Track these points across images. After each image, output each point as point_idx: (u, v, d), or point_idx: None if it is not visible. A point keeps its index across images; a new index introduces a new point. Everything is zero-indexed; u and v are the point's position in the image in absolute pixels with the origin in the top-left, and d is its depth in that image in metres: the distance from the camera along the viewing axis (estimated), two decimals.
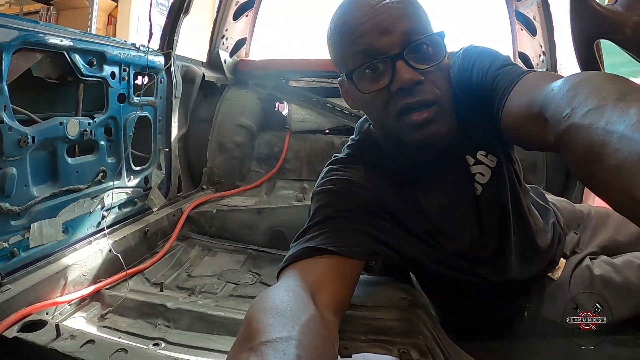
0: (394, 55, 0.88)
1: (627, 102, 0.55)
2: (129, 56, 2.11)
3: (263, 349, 0.57)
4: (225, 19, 3.25)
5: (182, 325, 1.62)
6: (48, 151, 1.70)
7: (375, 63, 0.90)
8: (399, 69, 0.88)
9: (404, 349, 0.88)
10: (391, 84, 0.90)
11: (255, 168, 3.36)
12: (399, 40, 0.89)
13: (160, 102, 2.46)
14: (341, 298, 0.84)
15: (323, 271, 0.85)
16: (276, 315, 0.64)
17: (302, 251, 0.90)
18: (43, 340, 1.29)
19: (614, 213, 1.43)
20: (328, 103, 3.35)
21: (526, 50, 3.29)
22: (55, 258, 1.69)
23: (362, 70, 0.92)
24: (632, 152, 0.50)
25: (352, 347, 0.86)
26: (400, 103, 0.90)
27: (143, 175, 2.34)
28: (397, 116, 0.92)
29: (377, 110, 0.96)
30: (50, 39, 1.63)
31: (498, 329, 1.19)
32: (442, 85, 0.92)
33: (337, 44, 0.97)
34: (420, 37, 0.90)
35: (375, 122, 1.06)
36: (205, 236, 2.57)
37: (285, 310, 0.66)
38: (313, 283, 0.80)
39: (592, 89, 0.62)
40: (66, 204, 1.78)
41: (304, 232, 0.96)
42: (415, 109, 0.90)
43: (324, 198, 1.01)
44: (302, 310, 0.67)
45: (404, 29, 0.89)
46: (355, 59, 0.93)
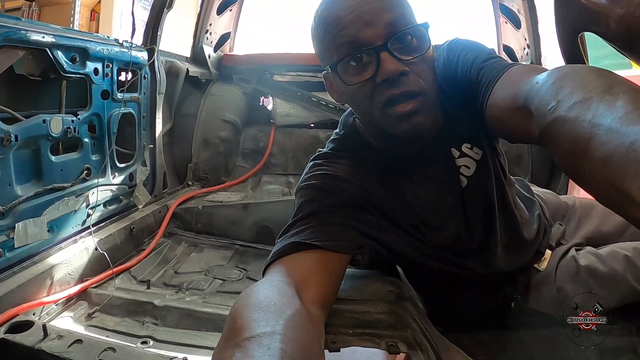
0: (378, 47, 0.88)
1: (614, 95, 0.56)
2: (112, 52, 2.09)
3: (247, 345, 0.57)
4: (209, 13, 3.22)
5: (169, 322, 1.62)
6: (31, 149, 1.68)
7: (360, 55, 0.90)
8: (384, 60, 0.88)
9: (392, 342, 0.87)
10: (376, 75, 0.90)
11: (241, 163, 3.36)
12: (383, 31, 0.89)
13: (144, 98, 2.44)
14: (327, 293, 0.84)
15: (308, 266, 0.85)
16: (260, 311, 0.64)
17: (287, 246, 0.90)
18: (30, 341, 1.29)
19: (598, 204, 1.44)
20: (313, 97, 3.35)
21: (511, 43, 3.32)
22: (41, 258, 1.68)
23: (346, 62, 0.92)
24: (620, 144, 0.50)
25: (340, 341, 0.86)
26: (385, 94, 0.90)
27: (128, 172, 2.32)
28: (383, 107, 0.92)
29: (362, 102, 0.96)
30: (32, 35, 1.61)
31: (485, 320, 1.20)
32: (427, 77, 0.93)
33: (321, 37, 0.97)
34: (404, 29, 0.90)
35: (360, 114, 1.06)
36: (192, 232, 2.57)
37: (269, 305, 0.66)
38: (298, 278, 0.81)
39: (577, 82, 0.62)
40: (51, 203, 1.76)
41: (289, 227, 0.96)
42: (400, 100, 0.90)
43: (309, 193, 1.01)
44: (286, 305, 0.68)
45: (388, 21, 0.89)
46: (339, 51, 0.93)
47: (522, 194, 1.33)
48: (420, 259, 1.07)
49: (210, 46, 3.34)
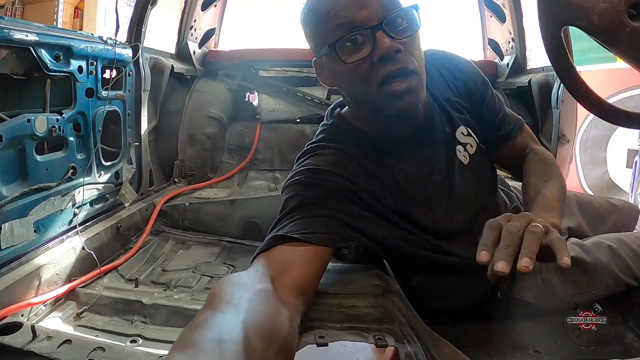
0: (374, 26, 0.93)
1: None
2: (96, 49, 2.08)
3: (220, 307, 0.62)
4: (194, 9, 3.20)
5: (158, 320, 1.62)
6: (16, 149, 1.67)
7: (355, 36, 0.95)
8: (379, 39, 0.93)
9: (380, 336, 0.89)
10: (372, 54, 0.94)
11: (227, 159, 3.36)
12: (377, 13, 0.94)
13: (129, 96, 2.43)
14: (304, 283, 0.86)
15: (286, 257, 0.88)
16: (232, 285, 0.70)
17: (268, 241, 0.92)
18: (19, 342, 1.28)
19: (577, 196, 1.49)
20: (298, 92, 3.35)
21: (495, 37, 3.35)
22: (28, 258, 1.67)
23: (342, 43, 0.96)
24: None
25: (328, 335, 0.86)
26: (382, 72, 0.95)
27: (114, 170, 2.31)
28: (379, 86, 0.96)
29: (358, 82, 1.00)
30: (15, 34, 1.60)
31: (472, 311, 1.22)
32: (418, 56, 0.99)
33: (315, 22, 1.01)
34: (397, 10, 0.95)
35: (354, 95, 1.09)
36: (179, 230, 2.57)
37: (240, 282, 0.72)
38: (275, 269, 0.83)
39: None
40: (37, 203, 1.75)
41: (275, 225, 0.98)
42: (397, 77, 0.95)
43: (293, 189, 1.02)
44: (256, 283, 0.73)
45: (381, 2, 0.95)
46: (335, 33, 0.97)
47: (500, 188, 1.36)
48: (407, 248, 1.09)
49: (195, 42, 3.33)
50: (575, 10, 0.81)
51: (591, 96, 0.89)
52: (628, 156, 3.04)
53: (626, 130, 2.77)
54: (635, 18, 0.78)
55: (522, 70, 3.09)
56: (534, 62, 3.03)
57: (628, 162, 3.02)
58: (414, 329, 0.97)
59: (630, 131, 2.73)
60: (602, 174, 3.21)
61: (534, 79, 2.78)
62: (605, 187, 3.18)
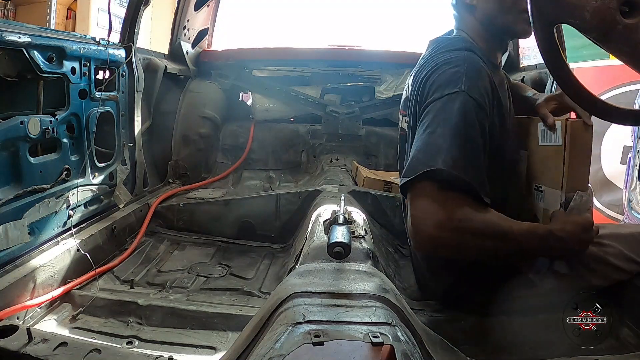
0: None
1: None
2: (89, 51, 2.07)
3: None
4: (187, 9, 3.19)
5: (154, 321, 1.62)
6: (10, 151, 1.66)
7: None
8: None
9: (376, 334, 0.90)
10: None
11: (221, 159, 3.35)
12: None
13: (122, 97, 2.42)
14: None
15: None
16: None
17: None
18: (15, 345, 1.28)
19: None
20: (292, 92, 3.36)
21: None
22: (23, 261, 1.66)
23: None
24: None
25: (324, 334, 0.87)
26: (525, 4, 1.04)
27: (108, 171, 2.30)
28: (522, 12, 1.25)
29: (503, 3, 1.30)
30: (7, 35, 1.59)
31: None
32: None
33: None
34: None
35: (490, 13, 1.34)
36: (174, 230, 2.56)
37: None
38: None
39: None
40: (31, 205, 1.74)
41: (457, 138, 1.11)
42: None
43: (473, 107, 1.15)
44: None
45: None
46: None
47: None
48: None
49: (188, 42, 3.32)
50: (568, 7, 0.82)
51: (584, 93, 0.90)
52: (623, 153, 3.04)
53: (620, 126, 2.78)
54: (627, 15, 0.78)
55: (516, 68, 3.10)
56: (528, 60, 3.04)
57: (623, 159, 3.03)
58: (410, 328, 0.98)
59: (624, 128, 2.74)
60: (596, 170, 3.21)
61: (528, 77, 2.78)
62: (599, 183, 3.19)
